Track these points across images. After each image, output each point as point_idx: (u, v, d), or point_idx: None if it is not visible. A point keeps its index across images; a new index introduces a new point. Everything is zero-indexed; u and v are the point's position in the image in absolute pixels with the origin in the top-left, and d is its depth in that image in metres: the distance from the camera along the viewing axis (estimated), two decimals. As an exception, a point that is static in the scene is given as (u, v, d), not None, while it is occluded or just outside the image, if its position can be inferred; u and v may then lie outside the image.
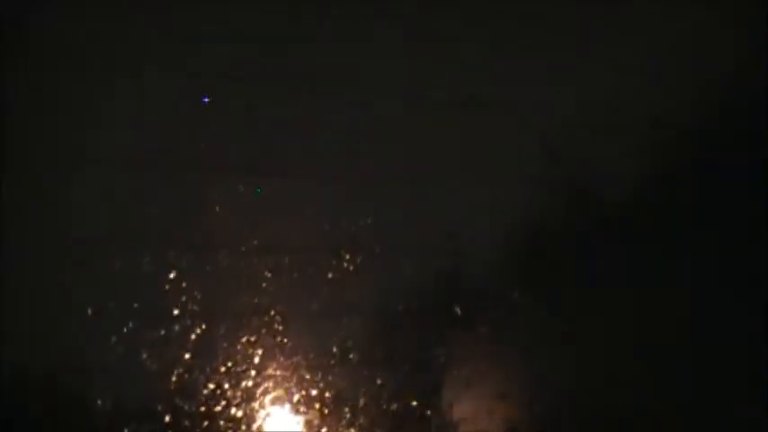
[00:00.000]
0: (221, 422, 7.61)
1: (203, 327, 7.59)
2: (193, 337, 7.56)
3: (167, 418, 7.48)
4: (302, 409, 7.81)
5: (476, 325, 8.12)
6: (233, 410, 7.65)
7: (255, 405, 7.71)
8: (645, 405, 7.91)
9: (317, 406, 7.83)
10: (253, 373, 7.73)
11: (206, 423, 7.58)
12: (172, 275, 7.53)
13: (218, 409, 7.61)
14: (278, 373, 7.79)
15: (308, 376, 7.84)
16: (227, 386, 7.66)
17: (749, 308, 7.94)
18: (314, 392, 7.83)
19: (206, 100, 7.68)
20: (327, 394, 7.84)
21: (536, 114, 8.02)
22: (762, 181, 8.01)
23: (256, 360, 7.74)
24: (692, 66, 8.04)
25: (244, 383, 7.70)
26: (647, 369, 7.97)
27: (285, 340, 7.82)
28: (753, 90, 8.06)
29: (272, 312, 7.81)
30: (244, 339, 7.74)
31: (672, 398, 7.88)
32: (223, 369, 7.67)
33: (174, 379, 7.49)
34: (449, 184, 8.07)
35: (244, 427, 7.66)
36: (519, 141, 8.01)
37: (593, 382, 7.96)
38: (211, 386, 7.61)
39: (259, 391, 7.74)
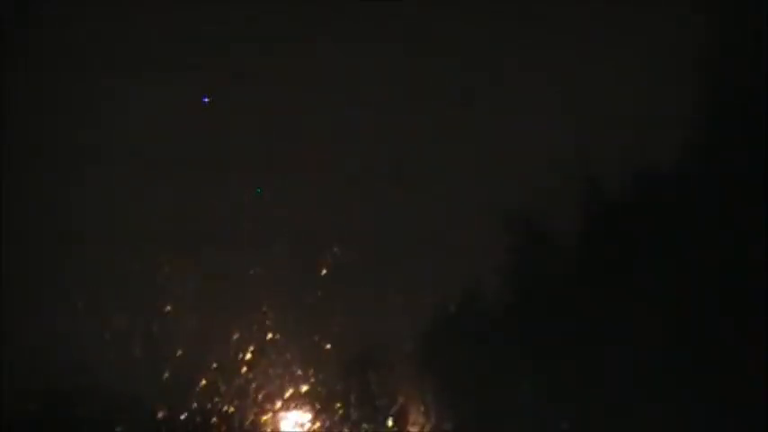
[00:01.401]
0: (214, 418, 7.65)
1: (197, 323, 7.64)
2: (187, 333, 7.62)
3: (161, 415, 7.53)
4: (294, 404, 7.84)
5: (471, 323, 8.16)
6: (225, 406, 7.69)
7: (248, 401, 7.76)
8: (644, 404, 7.92)
9: (309, 401, 7.86)
10: (245, 369, 7.78)
11: (199, 418, 7.63)
12: (168, 273, 7.58)
13: (211, 405, 7.66)
14: (269, 369, 7.83)
15: (299, 372, 7.87)
16: (219, 382, 7.70)
17: (749, 307, 7.92)
18: (305, 388, 7.86)
19: (206, 100, 7.72)
20: (319, 389, 7.87)
21: (536, 114, 8.03)
22: (762, 181, 7.99)
23: (248, 356, 7.78)
24: (692, 66, 8.03)
25: (236, 380, 7.74)
26: (646, 368, 7.98)
27: (277, 336, 7.85)
28: (753, 90, 8.05)
29: (264, 309, 7.85)
30: (236, 336, 7.78)
31: (671, 398, 7.89)
32: (215, 365, 7.71)
33: (167, 375, 7.53)
34: (448, 183, 8.09)
35: (236, 423, 7.72)
36: (519, 142, 8.02)
37: (591, 379, 7.97)
38: (204, 382, 7.65)
39: (251, 387, 7.78)
